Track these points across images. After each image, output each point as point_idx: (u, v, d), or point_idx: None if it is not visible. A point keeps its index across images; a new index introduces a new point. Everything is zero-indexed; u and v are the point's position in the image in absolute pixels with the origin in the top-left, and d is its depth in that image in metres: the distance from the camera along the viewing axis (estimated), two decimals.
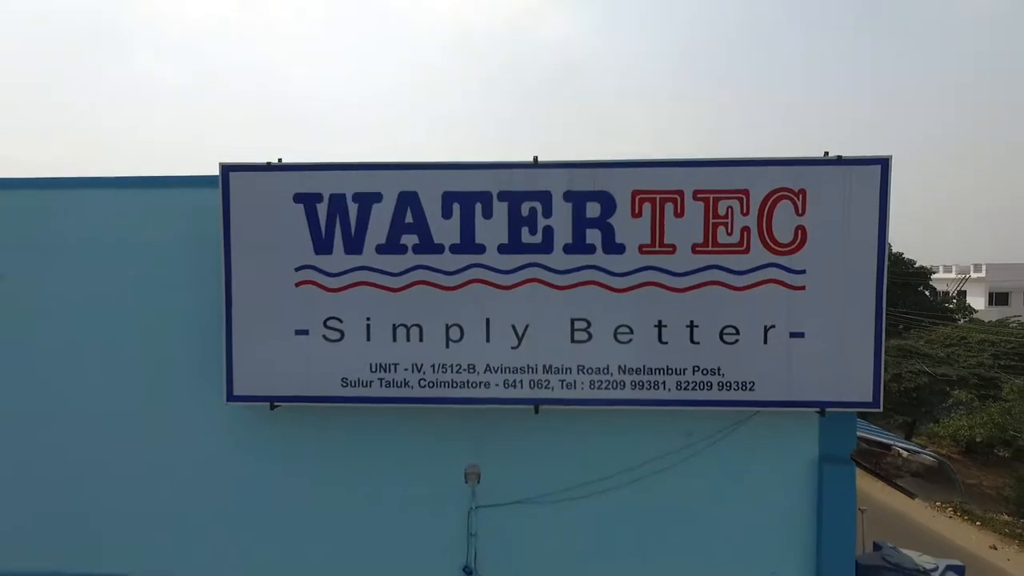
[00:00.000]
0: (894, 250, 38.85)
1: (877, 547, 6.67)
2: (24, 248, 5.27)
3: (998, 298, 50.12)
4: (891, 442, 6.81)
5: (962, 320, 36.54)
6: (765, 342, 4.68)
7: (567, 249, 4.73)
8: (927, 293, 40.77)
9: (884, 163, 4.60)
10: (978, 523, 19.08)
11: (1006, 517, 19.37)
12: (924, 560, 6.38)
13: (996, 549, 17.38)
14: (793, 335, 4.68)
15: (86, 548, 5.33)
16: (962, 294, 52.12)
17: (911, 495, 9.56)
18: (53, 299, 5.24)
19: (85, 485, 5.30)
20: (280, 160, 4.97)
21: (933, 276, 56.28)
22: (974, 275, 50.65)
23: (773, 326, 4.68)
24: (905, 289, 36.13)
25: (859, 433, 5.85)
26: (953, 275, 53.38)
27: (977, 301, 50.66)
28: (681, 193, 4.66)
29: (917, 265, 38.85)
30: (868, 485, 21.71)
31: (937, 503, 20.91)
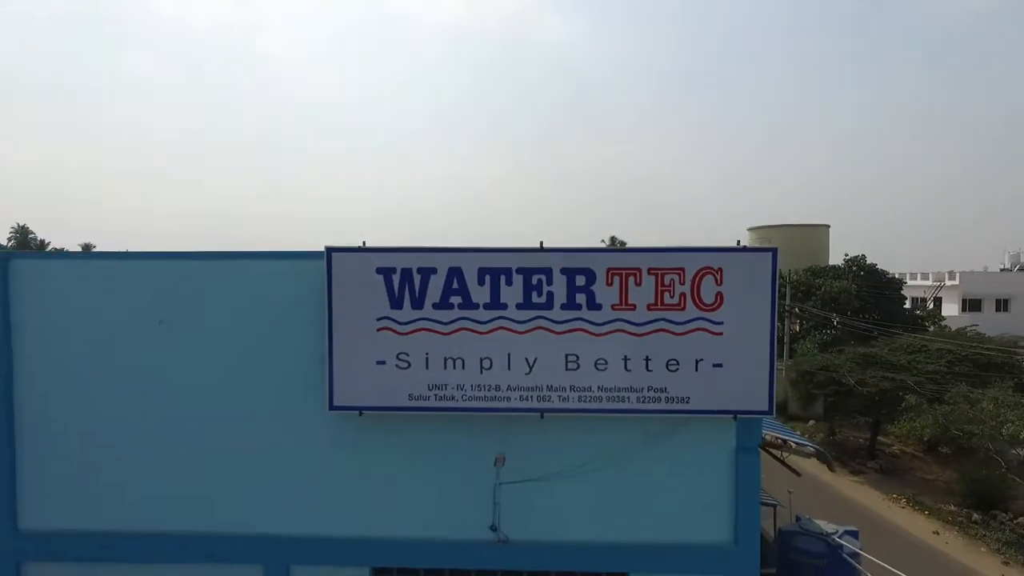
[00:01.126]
0: (868, 261, 41.45)
1: (798, 519, 9.05)
2: (184, 300, 7.50)
3: (971, 304, 52.61)
4: (786, 437, 9.02)
5: (931, 327, 38.87)
6: (696, 370, 6.96)
7: (562, 307, 6.99)
8: (905, 297, 43.17)
9: (774, 252, 6.90)
10: (926, 512, 21.42)
11: (952, 508, 21.70)
12: (828, 527, 8.71)
13: (938, 534, 19.70)
14: (715, 365, 6.97)
15: (218, 510, 7.56)
16: (937, 301, 54.70)
17: (796, 473, 11.79)
18: (207, 338, 7.47)
19: (235, 463, 7.53)
20: (364, 243, 7.22)
21: (911, 283, 58.95)
22: (949, 283, 53.10)
23: (702, 359, 6.96)
24: (880, 298, 38.47)
25: (764, 431, 8.11)
26: (930, 282, 55.88)
27: (951, 308, 53.24)
28: (640, 270, 6.94)
29: (893, 275, 41.24)
30: (838, 483, 24.07)
31: (894, 495, 23.30)
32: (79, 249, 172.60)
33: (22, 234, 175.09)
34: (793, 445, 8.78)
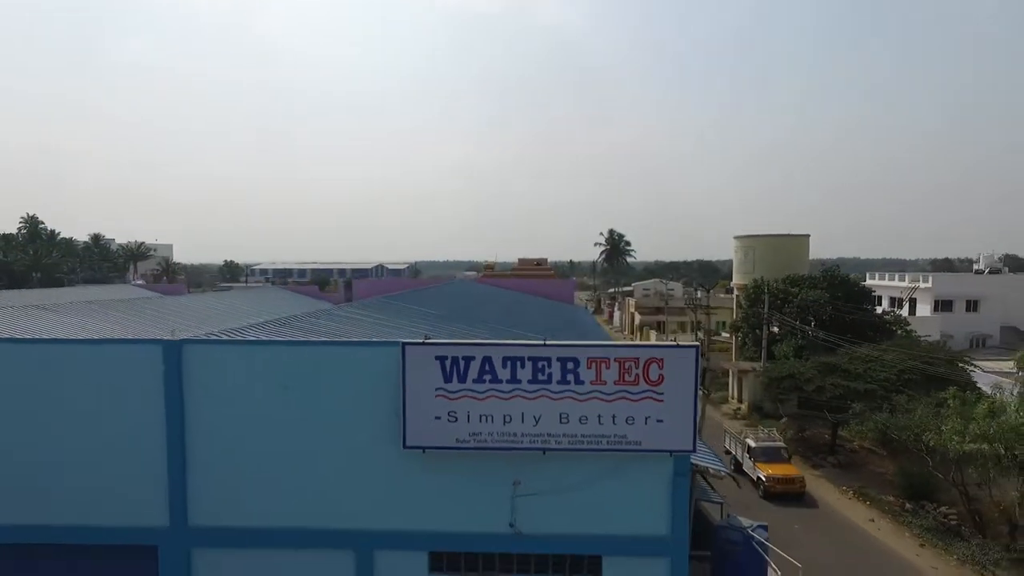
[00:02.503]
0: (842, 271, 44.94)
1: (728, 516, 12.81)
2: (305, 372, 11.13)
3: (943, 305, 56.25)
4: (707, 464, 12.65)
5: (899, 331, 42.45)
6: (645, 424, 10.63)
7: (558, 383, 10.63)
8: (872, 307, 46.74)
9: (696, 348, 10.54)
10: (868, 503, 25.24)
11: (891, 498, 25.50)
12: (746, 522, 12.47)
13: (873, 521, 23.53)
14: (658, 421, 10.63)
15: (328, 513, 11.27)
16: (912, 302, 58.38)
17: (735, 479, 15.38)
18: (323, 399, 11.13)
19: (341, 484, 11.24)
20: (426, 337, 10.85)
21: (890, 284, 62.56)
22: (923, 285, 56.71)
23: (648, 416, 10.61)
24: (849, 303, 41.98)
25: (695, 460, 11.77)
26: (907, 283, 59.52)
27: (925, 308, 56.95)
28: (609, 359, 10.58)
29: (864, 284, 44.74)
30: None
31: (844, 487, 27.13)
32: (89, 239, 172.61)
33: (32, 224, 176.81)
34: (711, 470, 12.41)
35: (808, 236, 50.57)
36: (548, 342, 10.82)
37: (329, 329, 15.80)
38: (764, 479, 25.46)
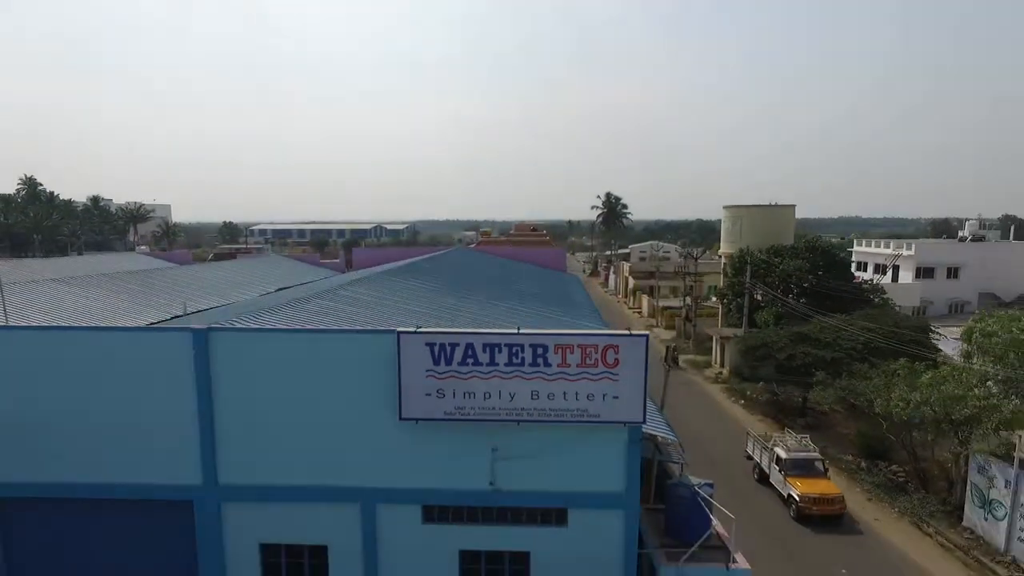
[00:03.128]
0: (822, 239, 46.55)
1: (680, 474, 14.88)
2: (319, 357, 13.03)
3: (925, 272, 58.05)
4: (655, 433, 14.61)
5: (876, 299, 44.36)
6: (603, 400, 12.60)
7: (530, 365, 12.55)
8: (865, 267, 48.43)
9: (646, 336, 12.43)
10: (828, 461, 27.59)
11: (849, 457, 27.88)
12: (695, 480, 14.56)
13: (829, 478, 25.91)
14: (614, 397, 12.59)
15: (339, 472, 13.35)
16: (895, 269, 60.21)
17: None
18: (335, 377, 13.05)
19: (350, 448, 13.28)
20: (418, 327, 12.72)
21: (875, 251, 64.23)
22: (906, 253, 58.41)
23: (606, 394, 12.58)
24: (829, 273, 43.81)
25: (647, 430, 13.78)
26: (891, 250, 61.21)
27: (907, 275, 58.80)
28: (573, 345, 12.48)
29: (842, 255, 46.45)
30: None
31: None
32: (88, 201, 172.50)
33: (31, 186, 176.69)
34: (659, 438, 14.41)
35: (794, 206, 52.06)
36: (521, 331, 12.70)
37: (335, 310, 17.67)
38: (798, 498, 22.29)
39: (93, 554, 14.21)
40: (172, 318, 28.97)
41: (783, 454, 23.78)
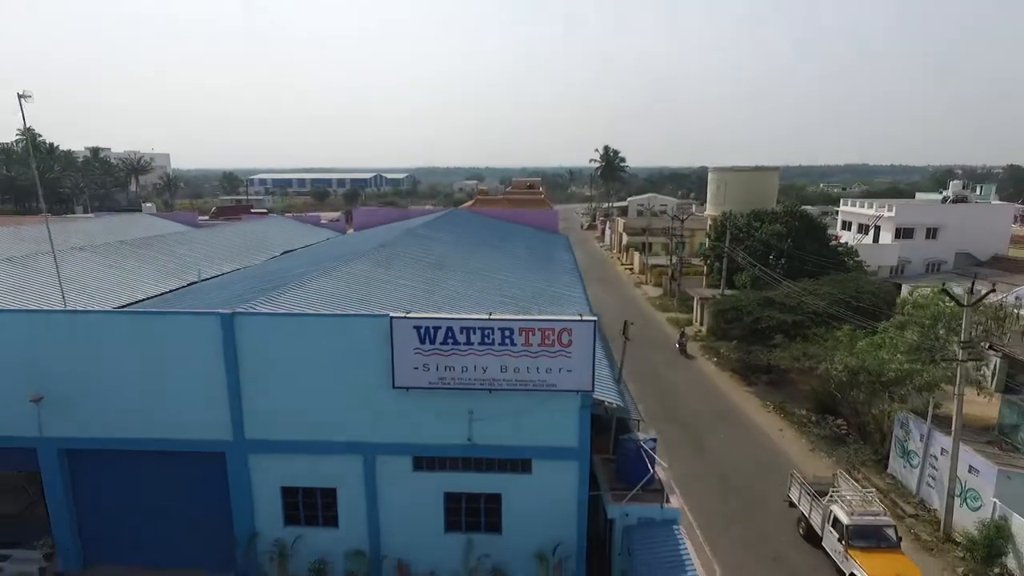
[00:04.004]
0: (800, 206, 48.56)
1: (628, 433, 17.82)
2: (326, 334, 15.76)
3: (904, 232, 60.14)
4: (603, 399, 17.39)
5: (850, 262, 46.81)
6: (560, 372, 15.39)
7: (499, 344, 15.28)
8: (849, 226, 50.41)
9: (594, 322, 15.11)
10: (783, 415, 30.72)
11: (803, 412, 30.96)
12: (641, 436, 17.54)
13: (782, 431, 29.04)
14: (568, 371, 15.38)
15: (345, 430, 16.30)
16: (877, 229, 62.34)
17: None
18: (336, 351, 15.81)
19: (354, 410, 16.18)
20: (408, 312, 15.41)
21: (859, 211, 66.11)
22: (887, 214, 60.40)
23: (562, 368, 15.36)
24: (806, 237, 46.12)
25: (604, 400, 16.56)
26: (874, 211, 63.17)
27: (887, 236, 60.95)
28: (534, 328, 15.18)
29: (821, 219, 48.51)
30: (734, 392, 32.86)
31: (767, 402, 32.57)
32: (88, 152, 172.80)
33: (30, 138, 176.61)
34: (606, 403, 17.22)
35: (778, 170, 53.80)
36: (492, 316, 15.36)
37: (337, 291, 20.28)
38: None
39: (144, 496, 17.34)
40: (189, 284, 31.81)
41: (844, 517, 18.10)
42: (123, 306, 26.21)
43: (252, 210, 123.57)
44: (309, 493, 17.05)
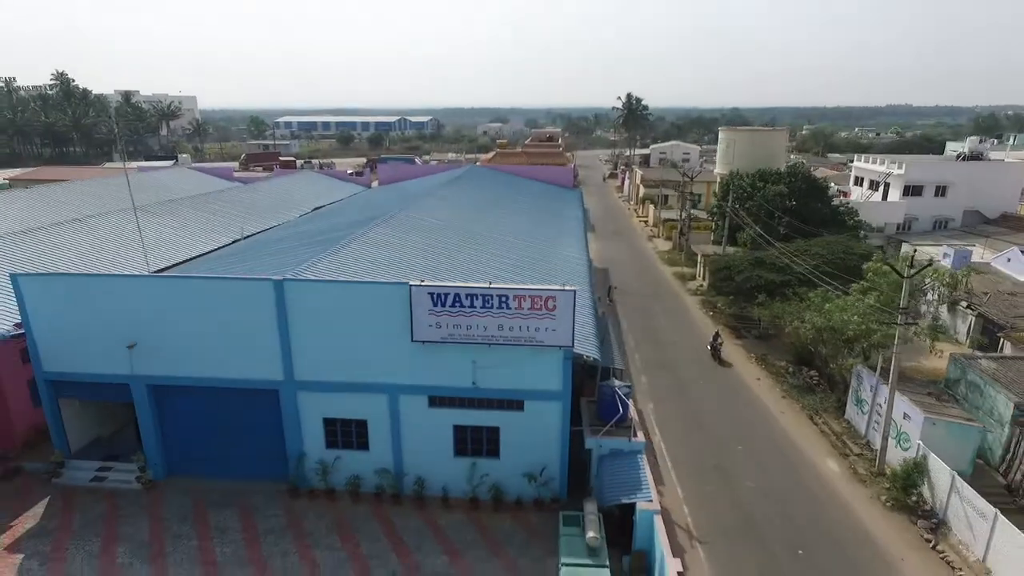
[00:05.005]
0: (793, 165, 50.17)
1: (607, 381, 21.55)
2: (357, 296, 19.46)
3: (914, 190, 61.39)
4: (581, 353, 20.87)
5: (850, 222, 48.89)
6: (546, 331, 18.95)
7: (496, 308, 18.83)
8: (861, 182, 52.10)
9: (574, 292, 18.53)
10: (764, 366, 34.05)
11: (783, 364, 34.23)
12: (618, 383, 21.27)
13: (759, 380, 32.43)
14: (553, 330, 18.92)
15: (374, 372, 20.21)
16: (886, 186, 63.59)
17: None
18: (366, 311, 19.54)
19: (381, 357, 20.05)
20: (422, 280, 18.98)
21: (870, 167, 67.10)
22: (897, 172, 61.55)
23: (547, 327, 18.91)
24: (808, 197, 48.15)
25: (583, 353, 20.09)
26: (884, 167, 64.24)
27: (896, 193, 62.26)
28: (526, 295, 18.67)
29: (824, 180, 50.20)
30: (725, 346, 36.14)
31: (751, 354, 35.88)
32: (120, 97, 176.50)
33: (64, 82, 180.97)
34: (585, 357, 20.72)
35: (785, 130, 55.11)
36: (492, 285, 18.83)
37: (367, 255, 23.85)
38: None
39: (214, 422, 21.64)
40: (233, 241, 35.79)
41: None
42: (182, 262, 30.32)
43: (280, 157, 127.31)
44: (345, 423, 21.15)
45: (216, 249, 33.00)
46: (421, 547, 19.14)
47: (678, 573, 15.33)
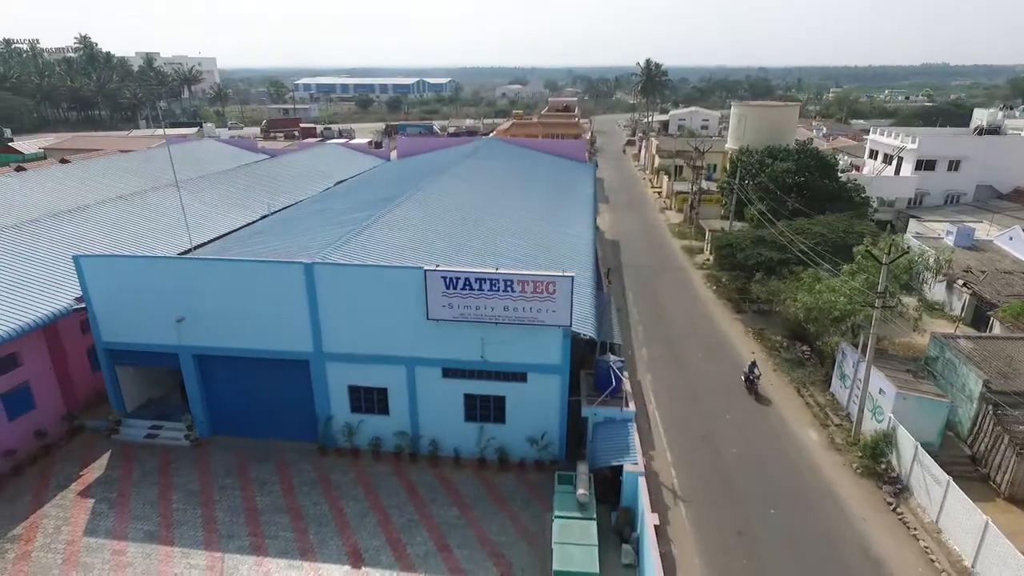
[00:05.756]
0: (803, 140, 50.87)
1: (604, 356, 23.82)
2: (379, 280, 21.73)
3: (926, 165, 61.68)
4: (578, 332, 22.94)
5: (857, 199, 49.84)
6: (547, 312, 21.11)
7: (503, 291, 20.98)
8: (875, 155, 52.84)
9: (572, 278, 20.61)
10: (760, 340, 35.97)
11: (779, 338, 36.09)
12: (613, 358, 23.52)
13: (753, 353, 34.39)
14: (553, 311, 21.08)
15: (394, 346, 22.63)
16: (899, 160, 63.86)
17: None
18: (387, 294, 21.83)
19: (401, 332, 22.43)
20: (437, 265, 21.17)
21: (884, 140, 67.16)
22: (910, 146, 61.77)
23: (548, 308, 21.05)
24: (816, 174, 49.08)
25: (580, 332, 22.23)
26: (898, 141, 64.38)
27: (908, 167, 62.58)
28: (529, 280, 20.78)
29: (832, 156, 50.95)
30: (724, 320, 38.14)
31: (749, 328, 37.72)
32: (142, 61, 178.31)
33: (88, 46, 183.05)
34: (581, 335, 22.85)
35: (797, 106, 55.42)
36: (498, 270, 20.94)
37: (388, 237, 26.03)
38: None
39: (252, 387, 24.32)
40: (261, 217, 38.15)
41: None
42: (218, 237, 32.76)
43: (301, 124, 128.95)
44: (368, 390, 23.67)
45: (247, 224, 35.35)
46: (435, 500, 21.80)
47: (655, 526, 17.73)
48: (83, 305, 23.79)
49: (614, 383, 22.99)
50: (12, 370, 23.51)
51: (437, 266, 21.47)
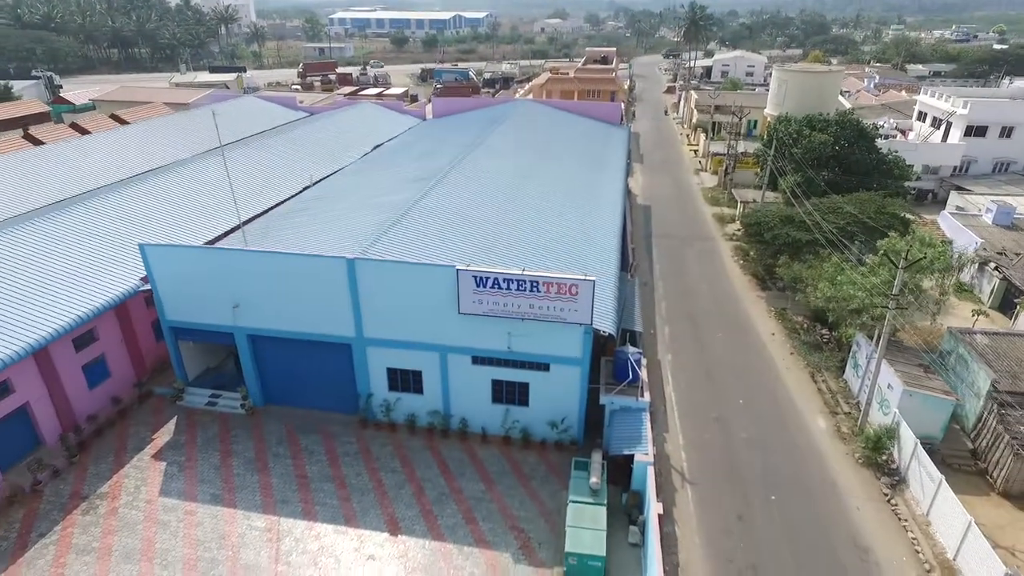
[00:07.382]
0: (843, 109, 49.51)
1: (623, 347, 25.46)
2: (420, 279, 23.50)
3: (977, 131, 59.51)
4: (597, 328, 24.42)
5: (896, 171, 48.96)
6: (570, 311, 22.66)
7: (529, 291, 22.53)
8: (924, 118, 51.50)
9: (593, 282, 22.01)
10: (781, 321, 36.88)
11: (801, 318, 36.94)
12: (631, 350, 25.16)
13: (773, 335, 35.46)
14: (575, 310, 22.61)
15: (424, 332, 24.61)
16: (948, 126, 61.70)
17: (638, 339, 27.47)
18: (425, 291, 23.62)
19: (435, 324, 24.37)
20: (468, 265, 22.77)
21: (935, 104, 64.68)
22: (961, 111, 59.53)
23: (571, 307, 22.59)
24: (855, 146, 48.22)
25: (600, 328, 23.74)
26: (949, 105, 62.01)
27: (957, 133, 60.48)
28: (553, 282, 22.26)
29: (873, 125, 49.67)
30: (747, 298, 39.06)
31: (771, 308, 38.56)
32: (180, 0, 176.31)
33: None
34: (602, 331, 24.32)
35: (841, 72, 53.44)
36: (525, 271, 22.43)
37: (423, 228, 27.58)
38: None
39: (301, 365, 26.75)
40: (303, 189, 39.94)
41: None
42: (261, 213, 34.68)
43: (337, 69, 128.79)
44: (404, 372, 25.86)
45: (290, 197, 37.13)
46: (464, 474, 24.20)
47: (658, 514, 19.73)
48: (148, 286, 26.23)
49: (631, 376, 24.65)
50: (90, 344, 26.33)
51: (468, 266, 23.06)
